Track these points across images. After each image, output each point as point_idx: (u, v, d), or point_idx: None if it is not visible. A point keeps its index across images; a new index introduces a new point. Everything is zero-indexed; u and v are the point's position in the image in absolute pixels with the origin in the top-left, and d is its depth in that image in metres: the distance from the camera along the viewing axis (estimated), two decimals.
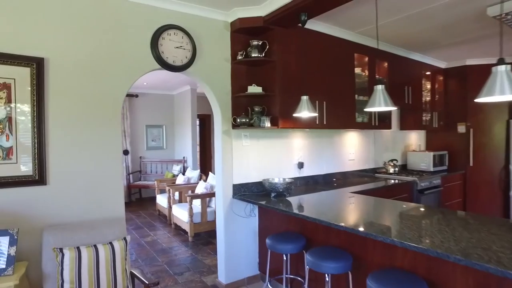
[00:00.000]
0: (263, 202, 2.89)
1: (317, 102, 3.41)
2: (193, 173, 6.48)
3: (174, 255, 4.15)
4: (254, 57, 3.13)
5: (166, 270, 3.68)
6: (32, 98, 2.31)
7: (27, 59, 2.29)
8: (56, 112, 2.40)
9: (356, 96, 3.88)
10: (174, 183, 6.53)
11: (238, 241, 3.30)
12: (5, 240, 2.03)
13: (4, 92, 2.24)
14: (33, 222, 2.31)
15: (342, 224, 2.12)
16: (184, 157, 7.81)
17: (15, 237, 2.05)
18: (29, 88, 2.30)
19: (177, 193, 5.68)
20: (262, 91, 3.17)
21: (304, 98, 2.87)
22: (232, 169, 3.26)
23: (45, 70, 2.36)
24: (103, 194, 2.57)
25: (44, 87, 2.36)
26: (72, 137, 2.46)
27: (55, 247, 2.09)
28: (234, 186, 3.26)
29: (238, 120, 3.18)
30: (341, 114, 3.69)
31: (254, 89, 3.17)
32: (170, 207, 5.55)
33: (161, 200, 6.10)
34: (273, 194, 3.15)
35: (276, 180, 3.32)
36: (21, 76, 2.28)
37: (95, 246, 2.18)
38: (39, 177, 2.33)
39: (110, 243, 2.23)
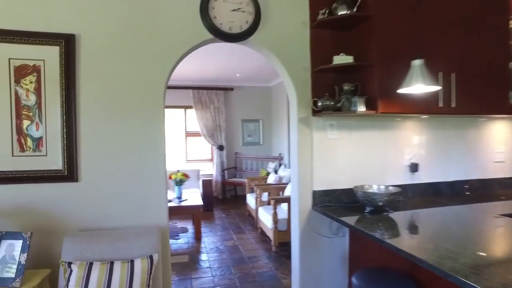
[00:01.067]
0: (351, 221, 1.98)
1: (440, 74, 2.27)
2: (285, 172, 5.81)
3: (251, 268, 3.55)
4: (342, 15, 2.23)
5: (235, 287, 3.10)
6: (61, 81, 1.98)
7: (56, 36, 1.96)
8: (88, 97, 2.03)
9: (511, 64, 2.53)
10: (266, 182, 5.99)
11: (318, 268, 2.45)
12: (18, 244, 1.72)
13: (34, 76, 1.96)
14: (60, 223, 1.99)
15: None
16: (280, 154, 7.22)
17: (28, 242, 1.72)
18: (58, 70, 1.98)
19: (265, 194, 5.10)
20: (354, 61, 2.24)
21: (417, 63, 1.85)
22: (312, 171, 2.43)
23: (76, 49, 2.01)
24: (141, 197, 2.10)
25: (75, 68, 2.00)
26: (106, 128, 2.05)
27: (64, 260, 1.68)
28: (315, 193, 2.43)
29: (320, 104, 2.33)
30: (482, 92, 2.43)
31: (342, 59, 2.26)
32: (257, 209, 5.01)
33: (251, 201, 5.63)
34: (368, 209, 2.19)
35: (374, 189, 2.34)
36: (51, 56, 1.97)
37: (111, 263, 1.69)
38: (68, 172, 1.99)
39: (131, 261, 1.72)
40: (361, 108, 2.17)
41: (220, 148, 7.42)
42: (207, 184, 6.31)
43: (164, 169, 2.14)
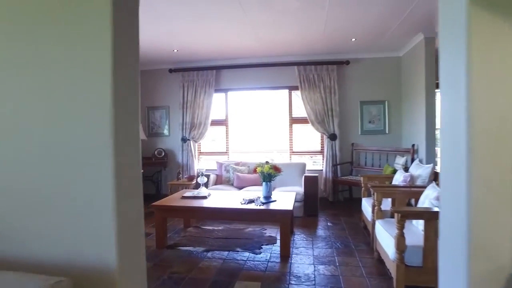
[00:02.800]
0: None
1: None
2: (420, 170, 3.95)
3: None
4: None
5: None
6: None
7: None
8: None
9: None
10: (390, 182, 4.26)
11: None
12: None
13: None
14: None
15: None
16: (413, 145, 5.26)
17: None
18: None
19: (388, 201, 3.46)
20: None
21: None
22: None
23: None
24: (71, 203, 0.99)
25: None
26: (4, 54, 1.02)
27: None
28: None
29: None
30: None
31: None
32: (373, 222, 3.41)
33: (366, 208, 4.02)
34: None
35: None
36: None
37: None
38: None
39: None
40: None
41: (332, 137, 5.93)
42: (310, 182, 4.97)
43: (111, 152, 0.97)
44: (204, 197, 3.89)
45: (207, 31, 4.55)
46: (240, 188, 5.36)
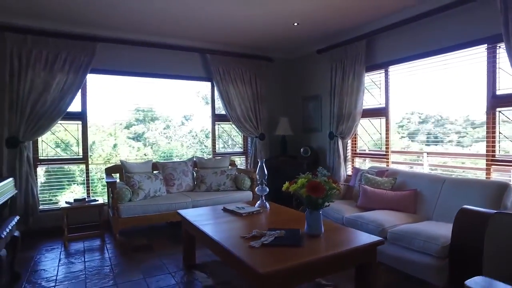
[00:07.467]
0: None
1: None
2: None
3: None
4: None
5: None
6: None
7: None
8: None
9: None
10: None
11: None
12: None
13: None
14: None
15: None
16: None
17: None
18: None
19: None
20: None
21: None
22: None
23: None
24: None
25: None
26: None
27: None
28: None
29: None
30: None
31: None
32: None
33: None
34: None
35: None
36: None
37: None
38: None
39: None
40: None
41: None
42: (466, 223, 2.48)
43: None
44: (238, 215, 2.83)
45: None
46: (365, 209, 3.56)
